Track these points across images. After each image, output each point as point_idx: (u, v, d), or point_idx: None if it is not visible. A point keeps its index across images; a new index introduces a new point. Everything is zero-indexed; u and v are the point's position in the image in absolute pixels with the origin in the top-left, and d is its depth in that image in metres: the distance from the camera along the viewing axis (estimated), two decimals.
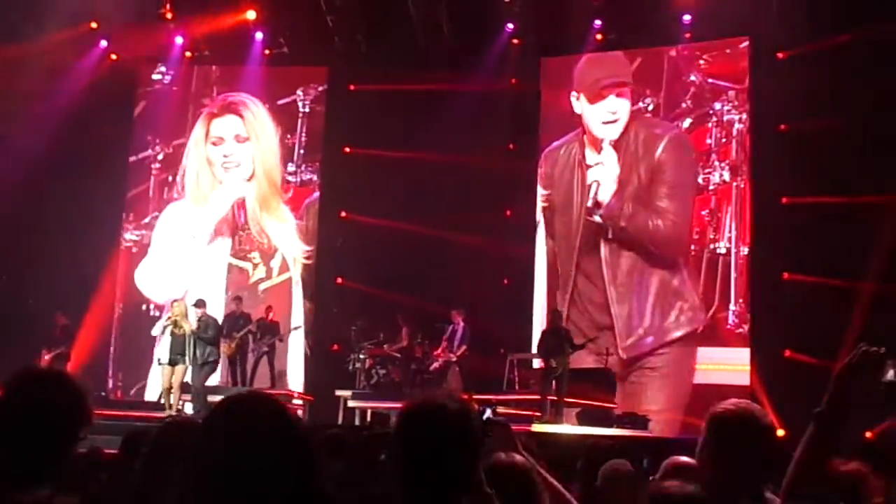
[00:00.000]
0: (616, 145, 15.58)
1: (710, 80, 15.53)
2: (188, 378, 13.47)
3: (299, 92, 17.35)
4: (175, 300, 14.16)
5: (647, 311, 15.11)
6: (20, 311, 15.38)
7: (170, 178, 17.52)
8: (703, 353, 14.70)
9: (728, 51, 15.51)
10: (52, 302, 15.22)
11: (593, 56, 16.06)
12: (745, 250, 14.78)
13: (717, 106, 15.40)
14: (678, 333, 14.87)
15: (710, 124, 15.43)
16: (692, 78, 15.66)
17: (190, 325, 13.27)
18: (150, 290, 16.85)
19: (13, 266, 16.01)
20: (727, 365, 14.34)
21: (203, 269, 16.73)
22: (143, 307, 16.83)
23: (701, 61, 15.66)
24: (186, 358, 13.19)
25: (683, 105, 15.63)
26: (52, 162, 15.67)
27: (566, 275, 15.78)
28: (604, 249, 15.50)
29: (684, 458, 3.47)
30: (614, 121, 15.70)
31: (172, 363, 13.14)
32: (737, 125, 15.29)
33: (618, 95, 15.79)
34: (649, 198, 15.29)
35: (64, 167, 16.00)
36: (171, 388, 13.17)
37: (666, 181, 15.23)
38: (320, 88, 17.34)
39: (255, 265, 17.00)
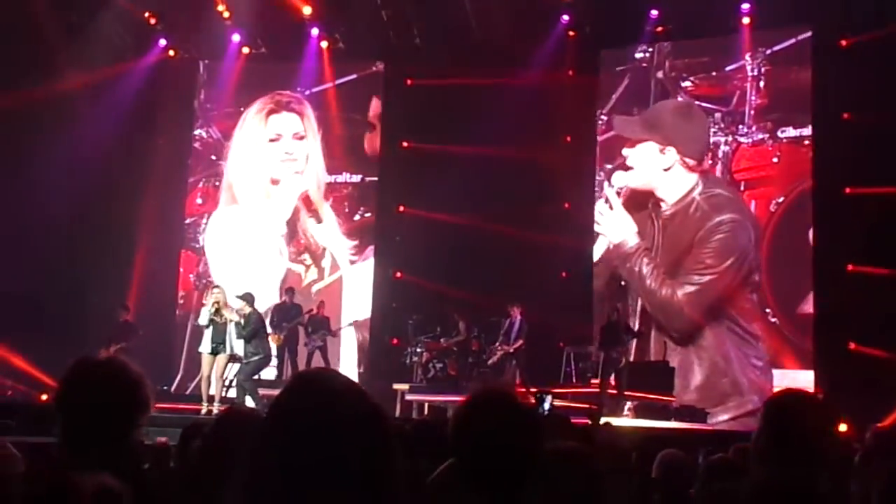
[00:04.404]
0: (668, 220, 15.22)
1: (696, 103, 15.55)
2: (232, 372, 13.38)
3: None
4: (215, 286, 14.10)
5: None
6: (83, 308, 15.66)
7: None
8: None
9: (714, 73, 15.51)
10: (116, 299, 15.46)
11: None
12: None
13: None
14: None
15: None
16: (679, 99, 15.74)
17: (231, 313, 12.87)
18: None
19: (76, 263, 16.32)
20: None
21: (263, 270, 16.77)
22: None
23: (688, 83, 15.72)
24: (227, 346, 12.79)
25: None
26: (115, 159, 15.97)
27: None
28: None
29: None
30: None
31: (214, 352, 12.74)
32: (722, 147, 15.32)
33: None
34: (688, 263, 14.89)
35: (126, 164, 16.33)
36: (210, 377, 12.80)
37: (709, 253, 14.75)
38: None
39: (308, 267, 17.03)
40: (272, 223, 17.05)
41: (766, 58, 15.11)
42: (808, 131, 14.72)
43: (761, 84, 15.17)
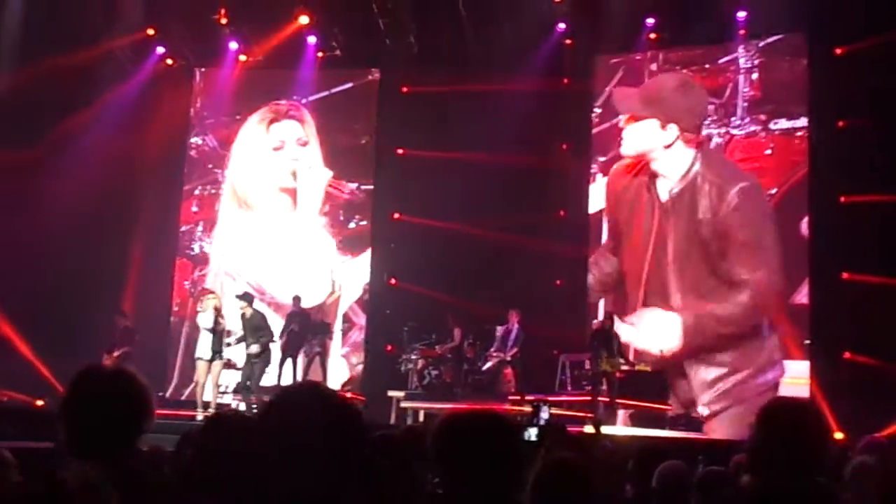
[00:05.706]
0: (676, 199, 15.07)
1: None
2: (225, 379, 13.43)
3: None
4: (210, 292, 14.03)
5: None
6: (79, 315, 15.59)
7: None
8: None
9: (707, 65, 15.57)
10: (111, 307, 15.42)
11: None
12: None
13: None
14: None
15: None
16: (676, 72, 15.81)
17: (224, 320, 13.04)
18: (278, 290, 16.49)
19: (71, 270, 16.25)
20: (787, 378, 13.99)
21: (308, 269, 16.68)
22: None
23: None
24: (223, 354, 12.98)
25: None
26: (111, 166, 15.93)
27: (633, 298, 15.45)
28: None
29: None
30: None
31: (212, 360, 12.85)
32: (715, 139, 15.37)
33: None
34: (717, 268, 14.60)
35: (122, 171, 16.29)
36: (205, 384, 12.87)
37: (737, 248, 14.50)
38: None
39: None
40: (302, 220, 16.98)
41: (759, 50, 15.17)
42: (800, 123, 14.76)
43: (754, 76, 15.23)
